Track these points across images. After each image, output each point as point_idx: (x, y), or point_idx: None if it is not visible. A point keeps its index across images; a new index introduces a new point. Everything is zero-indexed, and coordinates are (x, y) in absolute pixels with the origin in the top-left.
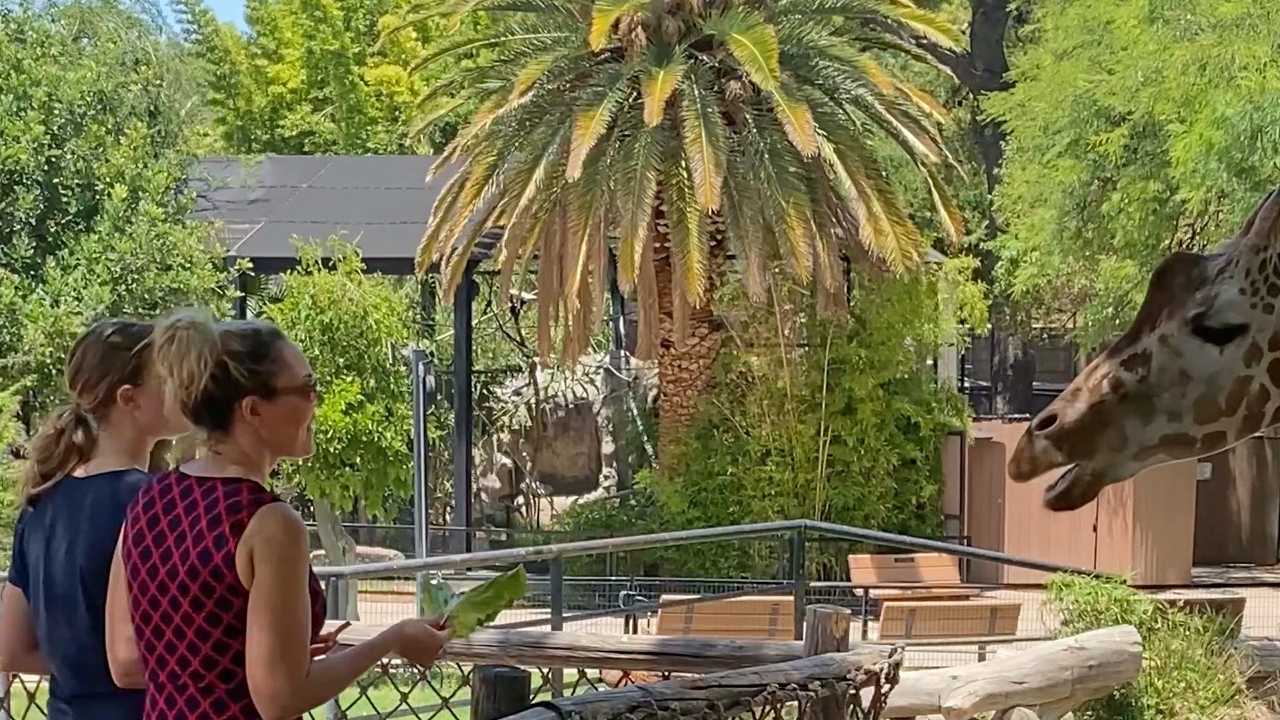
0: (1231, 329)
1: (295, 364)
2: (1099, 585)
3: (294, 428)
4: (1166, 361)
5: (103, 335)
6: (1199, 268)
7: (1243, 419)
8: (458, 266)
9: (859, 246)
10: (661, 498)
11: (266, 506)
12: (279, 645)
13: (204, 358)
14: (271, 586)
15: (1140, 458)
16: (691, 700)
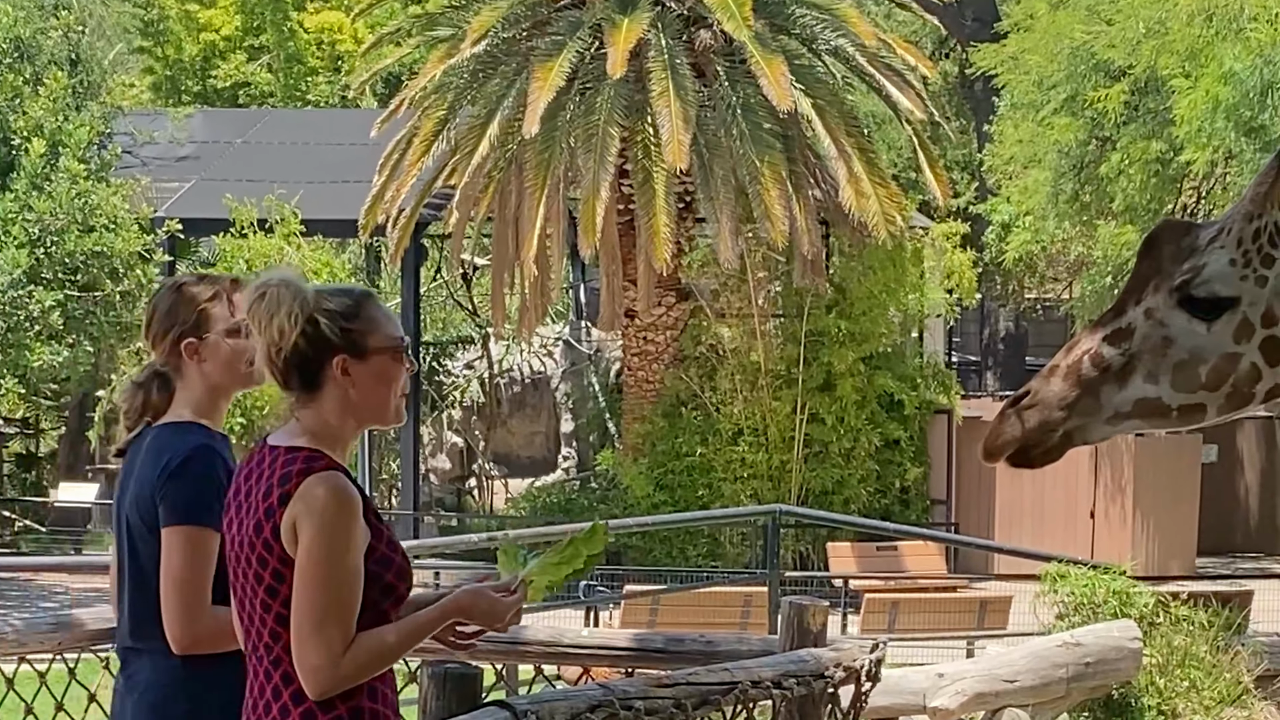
0: (1220, 301)
1: (387, 324)
2: (1096, 576)
3: (385, 390)
4: (1151, 333)
5: (172, 286)
6: (1190, 237)
7: (1226, 396)
8: (405, 229)
9: (839, 210)
10: (625, 480)
11: (314, 475)
12: (316, 617)
13: (294, 314)
14: (310, 555)
15: (1114, 422)
16: (657, 699)
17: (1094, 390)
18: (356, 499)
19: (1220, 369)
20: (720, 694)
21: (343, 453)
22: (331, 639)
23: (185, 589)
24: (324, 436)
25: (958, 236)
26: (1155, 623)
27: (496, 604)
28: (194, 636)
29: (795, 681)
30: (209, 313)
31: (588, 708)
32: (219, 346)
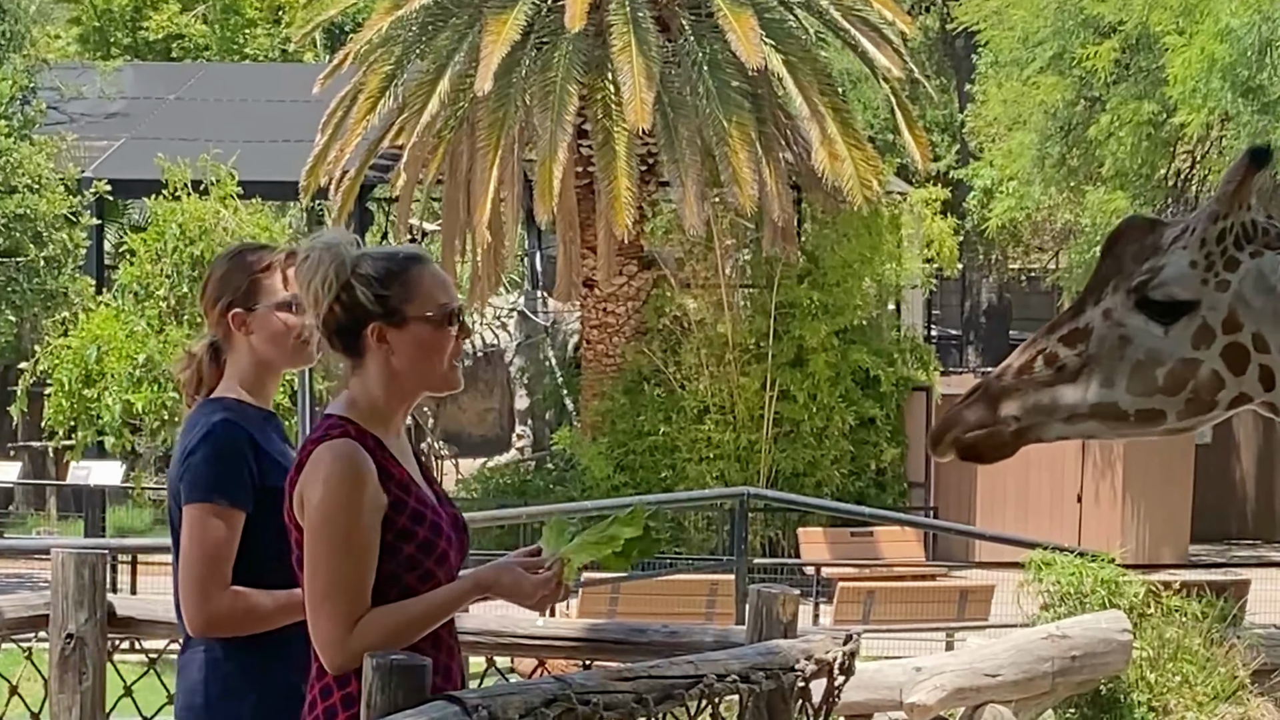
0: (1177, 305)
1: (431, 290)
2: (1084, 564)
3: (429, 359)
4: (1107, 334)
5: (230, 252)
6: (1154, 235)
7: (1185, 402)
8: (349, 192)
9: (811, 173)
10: (583, 461)
11: (325, 443)
12: (322, 589)
13: (329, 280)
14: (313, 524)
15: (1070, 423)
16: (616, 693)
17: (1049, 390)
18: (364, 467)
19: (1178, 374)
20: (684, 688)
21: (390, 422)
22: (339, 611)
23: (198, 568)
24: (367, 405)
25: (937, 203)
26: (1146, 614)
27: (523, 580)
28: (207, 618)
29: (763, 675)
30: (261, 284)
31: (542, 702)
32: (269, 319)
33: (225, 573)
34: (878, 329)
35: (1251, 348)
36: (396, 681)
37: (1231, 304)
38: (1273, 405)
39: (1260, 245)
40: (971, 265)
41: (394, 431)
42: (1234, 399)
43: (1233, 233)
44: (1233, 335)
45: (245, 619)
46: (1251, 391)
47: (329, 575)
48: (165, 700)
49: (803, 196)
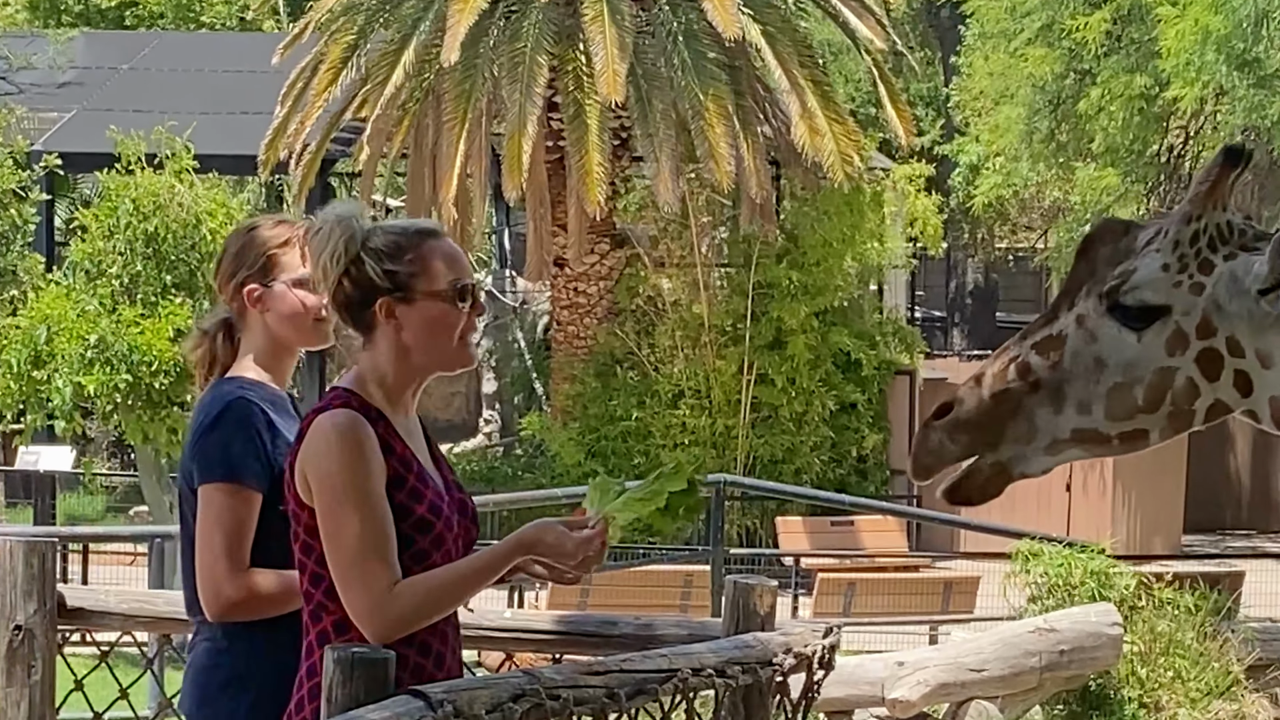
0: (1150, 310)
1: (443, 266)
2: (1072, 555)
3: (439, 337)
4: (1081, 346)
5: (246, 227)
6: (1128, 237)
7: (1167, 416)
8: (310, 166)
9: (790, 149)
10: (553, 447)
11: (321, 415)
12: (348, 558)
13: (338, 253)
14: (328, 499)
15: (1053, 451)
16: (587, 688)
17: (1025, 411)
18: (364, 435)
19: (1156, 386)
20: (657, 682)
21: (398, 400)
22: (371, 577)
23: (210, 551)
24: (374, 381)
25: (921, 179)
26: (1137, 606)
27: (565, 539)
28: (222, 602)
29: (740, 669)
30: (277, 259)
31: (510, 697)
32: (285, 297)
33: (244, 555)
34: (859, 310)
35: (1226, 352)
36: (358, 675)
37: (1205, 308)
38: (1254, 413)
39: (1235, 247)
40: (957, 244)
41: (402, 410)
42: (1210, 407)
43: (1206, 234)
44: (1207, 340)
45: (262, 602)
46: (1228, 398)
47: (354, 543)
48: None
49: (781, 173)
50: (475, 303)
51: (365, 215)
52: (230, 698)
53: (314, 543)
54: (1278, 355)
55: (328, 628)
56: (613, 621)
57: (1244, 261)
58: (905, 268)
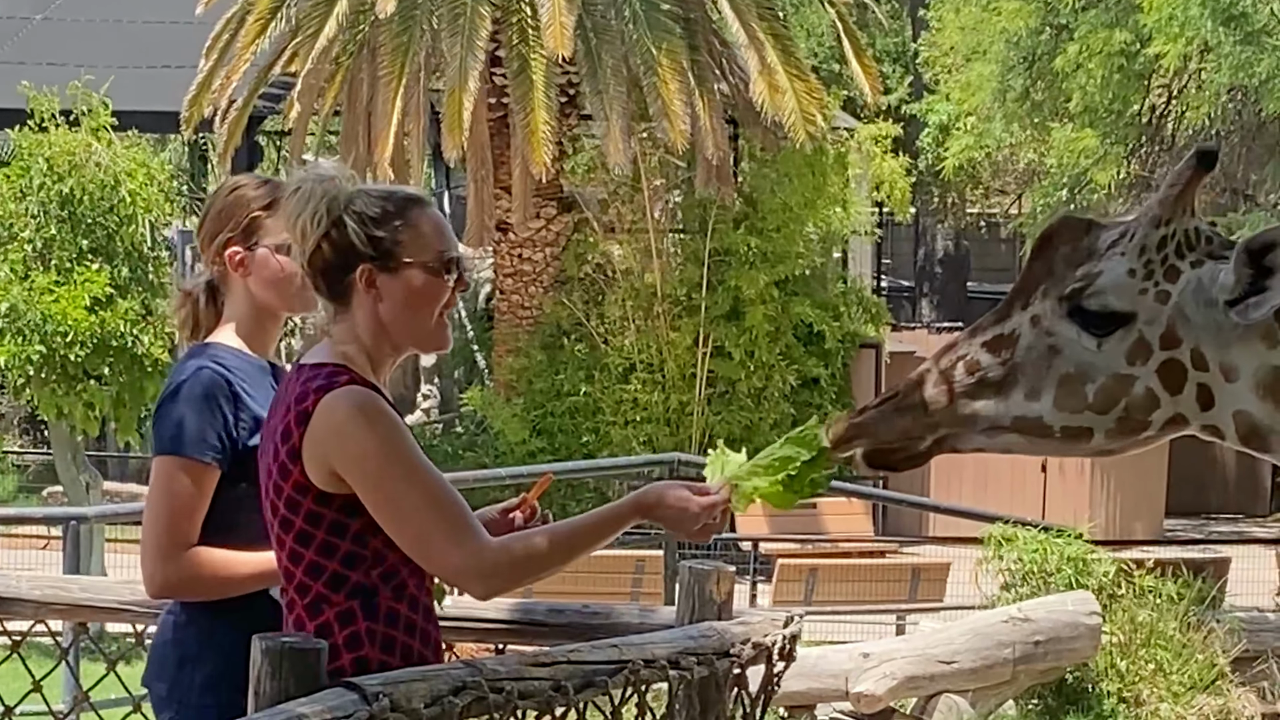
0: (1113, 316)
1: (430, 236)
2: (1048, 540)
3: (419, 311)
4: (1035, 344)
5: (229, 186)
6: (1089, 237)
7: (1116, 420)
8: (236, 124)
9: (749, 107)
10: (496, 424)
11: (333, 392)
12: (421, 533)
13: (319, 214)
14: (378, 471)
15: (990, 434)
16: (533, 680)
17: (968, 402)
18: (383, 404)
19: (1110, 390)
20: (607, 674)
21: (378, 376)
22: (457, 532)
23: (156, 526)
24: (355, 355)
25: (888, 140)
26: (1116, 595)
27: (689, 504)
28: (158, 582)
29: (695, 660)
30: (261, 222)
31: (450, 690)
32: (267, 261)
33: (187, 532)
34: (822, 279)
35: (1189, 365)
36: (288, 665)
37: (1170, 317)
38: (1215, 428)
39: (1202, 254)
40: (925, 210)
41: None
42: (1169, 420)
43: (1174, 240)
44: (1170, 351)
45: (209, 583)
46: (1188, 413)
47: (423, 508)
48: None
49: (739, 132)
50: (461, 278)
51: (350, 176)
52: (187, 674)
53: (315, 531)
54: (1243, 368)
55: (330, 620)
56: (560, 610)
57: (1210, 270)
58: (871, 234)
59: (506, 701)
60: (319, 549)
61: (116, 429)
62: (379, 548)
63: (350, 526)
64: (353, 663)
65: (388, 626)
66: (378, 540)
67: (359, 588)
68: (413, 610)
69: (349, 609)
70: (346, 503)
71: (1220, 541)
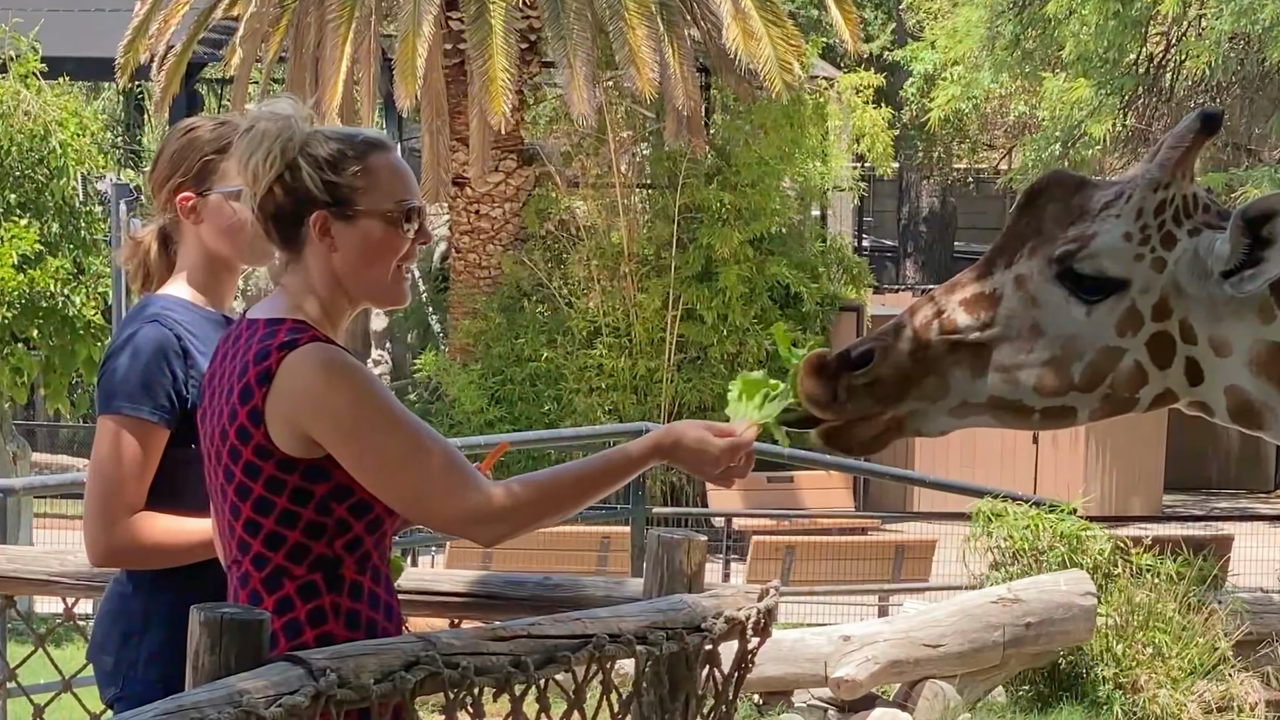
0: (1106, 282)
1: (391, 183)
2: (1040, 516)
3: (375, 265)
4: (1018, 309)
5: (184, 128)
6: (1081, 195)
7: (1102, 398)
8: (174, 71)
9: (722, 54)
10: (452, 391)
11: (299, 350)
12: (413, 484)
13: (273, 155)
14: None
15: (959, 414)
16: (490, 655)
17: (941, 370)
18: (351, 358)
19: (1097, 366)
20: (569, 649)
21: (335, 330)
22: (455, 478)
23: (99, 489)
24: (311, 308)
25: (870, 90)
26: (1112, 574)
27: (708, 443)
28: (106, 546)
29: (664, 635)
30: (214, 165)
31: (403, 665)
32: (221, 209)
33: (133, 496)
34: (799, 238)
35: (1178, 338)
36: (229, 638)
37: (1165, 287)
38: (1204, 404)
39: (1199, 222)
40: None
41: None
42: (1157, 396)
43: (1173, 205)
44: (1161, 323)
45: (155, 550)
46: (1177, 388)
47: (416, 460)
48: None
49: (712, 81)
50: (421, 229)
51: (308, 116)
52: (132, 647)
53: (276, 498)
54: (1237, 343)
55: (290, 594)
56: (519, 582)
57: (1207, 239)
58: (852, 190)
59: (462, 678)
60: (279, 518)
61: (46, 396)
62: (343, 516)
63: (314, 493)
64: (316, 639)
65: (353, 600)
66: (342, 508)
67: (322, 559)
68: (375, 582)
69: (310, 582)
70: (311, 468)
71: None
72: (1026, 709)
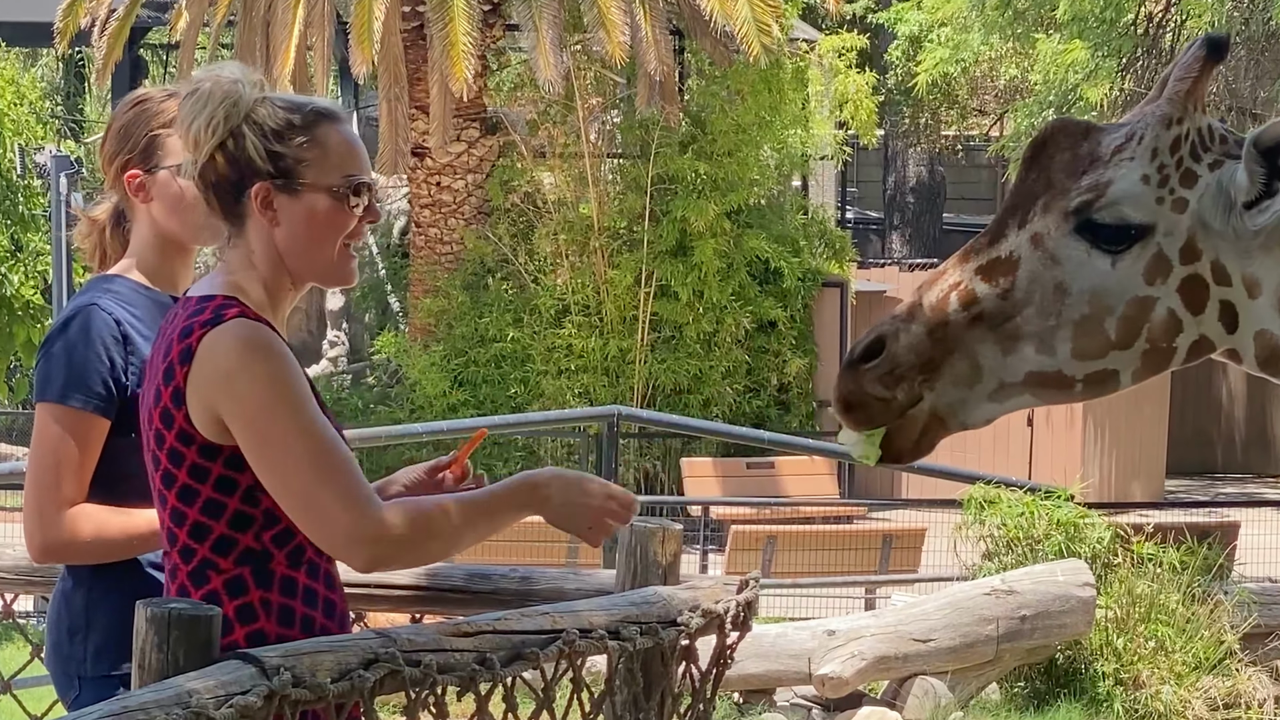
0: (1128, 229)
1: (339, 156)
2: (1036, 503)
3: (319, 242)
4: (1039, 270)
5: (133, 99)
6: (1089, 142)
7: (1142, 354)
8: (116, 36)
9: (696, 16)
10: (413, 373)
11: (220, 326)
12: (305, 489)
13: (215, 121)
14: (252, 430)
15: (1000, 398)
16: (454, 651)
17: (967, 349)
18: (275, 340)
19: (1131, 319)
20: (538, 645)
21: (276, 311)
22: (346, 493)
23: (36, 482)
24: (249, 285)
25: (853, 53)
26: (1112, 564)
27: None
28: (43, 542)
29: (638, 629)
30: (162, 140)
31: (361, 663)
32: (169, 185)
33: (71, 488)
34: (779, 210)
35: (1211, 280)
36: (178, 634)
37: (1190, 227)
38: (1235, 351)
39: (1219, 154)
40: (895, 132)
41: (278, 323)
42: (1193, 344)
43: (1188, 141)
44: (1191, 266)
45: (95, 544)
46: (1212, 334)
47: (310, 461)
48: None
49: (686, 45)
50: (370, 207)
51: (257, 83)
52: (78, 647)
53: (200, 487)
54: (1266, 281)
55: (218, 589)
56: (485, 574)
57: (1230, 170)
58: (834, 159)
59: (424, 676)
60: (204, 508)
61: None
62: (271, 507)
63: (239, 482)
64: (247, 637)
65: (284, 596)
66: (270, 499)
67: (249, 552)
68: (312, 578)
69: (238, 576)
70: (235, 454)
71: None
72: (1022, 707)
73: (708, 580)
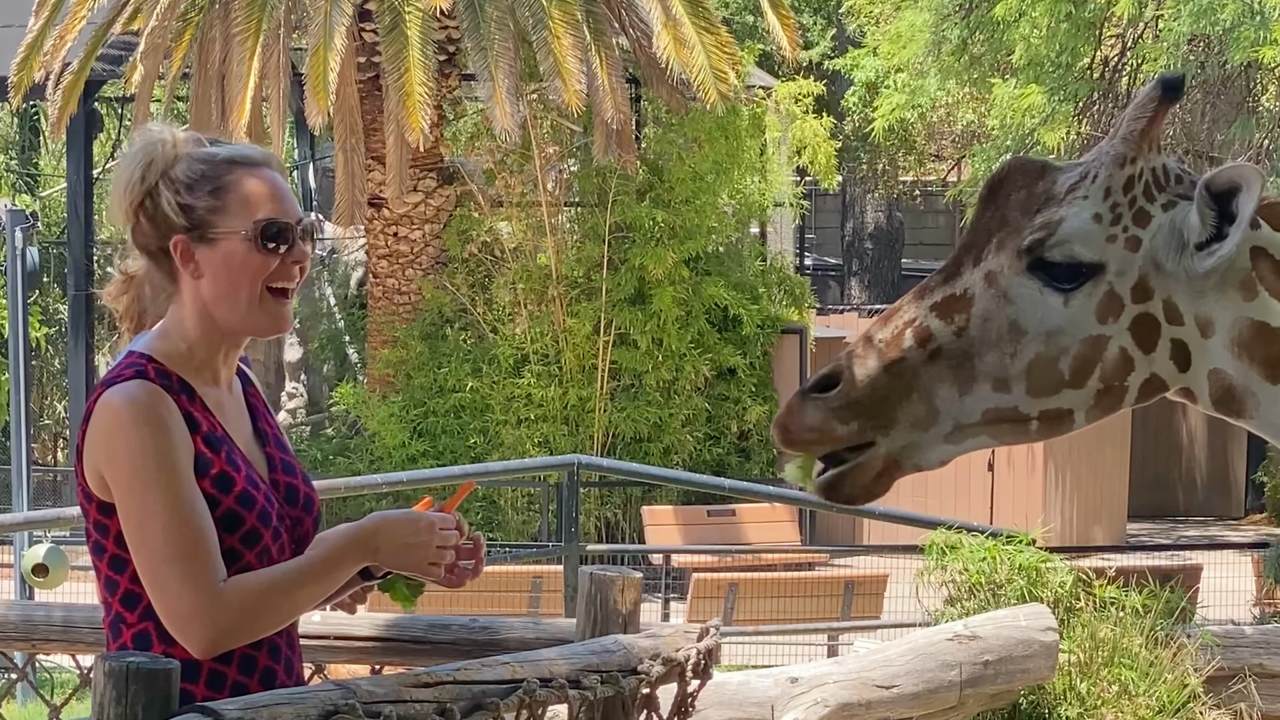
0: (1079, 268)
1: (252, 200)
2: (997, 547)
3: (237, 288)
4: (992, 309)
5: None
6: (1045, 181)
7: (1096, 393)
8: (72, 89)
9: (653, 64)
10: (371, 425)
11: (111, 389)
12: (160, 557)
13: (132, 182)
14: (125, 488)
15: (956, 439)
16: (414, 703)
17: (922, 388)
18: (161, 407)
19: (1084, 358)
20: (498, 695)
21: (206, 366)
22: (190, 575)
23: None
24: (176, 342)
25: (810, 100)
26: (1075, 608)
27: (416, 525)
28: None
29: (599, 678)
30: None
31: (320, 714)
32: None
33: None
34: (738, 257)
35: (1163, 319)
36: (136, 688)
37: (1142, 266)
38: (1190, 391)
39: (1173, 195)
40: (853, 178)
41: (211, 378)
42: (1144, 383)
43: (1142, 180)
44: (1143, 305)
45: None
46: (1165, 373)
47: (164, 537)
48: None
49: (642, 93)
50: (292, 247)
51: (180, 140)
52: None
53: (106, 543)
54: (1219, 320)
55: (127, 643)
56: (445, 624)
57: (1183, 211)
58: (792, 206)
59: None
60: (110, 563)
61: None
62: None
63: None
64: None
65: None
66: None
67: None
68: None
69: (143, 631)
70: None
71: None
72: None
73: (668, 628)
